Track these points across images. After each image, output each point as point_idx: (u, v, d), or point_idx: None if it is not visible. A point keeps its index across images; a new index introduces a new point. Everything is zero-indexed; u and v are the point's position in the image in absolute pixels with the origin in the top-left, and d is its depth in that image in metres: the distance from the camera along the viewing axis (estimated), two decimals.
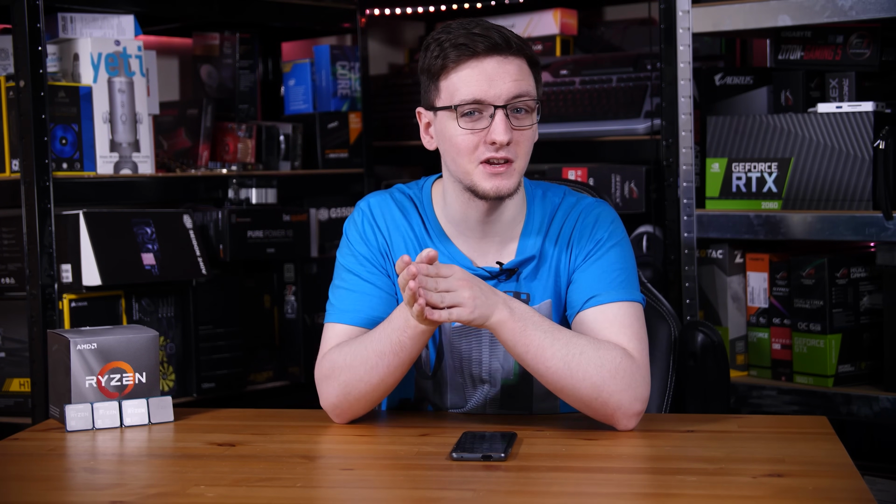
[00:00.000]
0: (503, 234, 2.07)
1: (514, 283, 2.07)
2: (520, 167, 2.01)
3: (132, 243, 2.85)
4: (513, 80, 1.97)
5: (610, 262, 2.04)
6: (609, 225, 2.07)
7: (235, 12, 3.24)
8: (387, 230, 2.10)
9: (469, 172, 2.00)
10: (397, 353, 1.95)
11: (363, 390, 1.98)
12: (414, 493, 1.70)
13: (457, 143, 1.99)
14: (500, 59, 1.98)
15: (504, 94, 1.97)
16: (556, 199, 2.11)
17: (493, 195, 1.99)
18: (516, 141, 1.98)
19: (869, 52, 2.83)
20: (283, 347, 3.28)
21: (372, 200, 2.13)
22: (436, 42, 2.00)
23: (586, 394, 1.92)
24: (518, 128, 1.98)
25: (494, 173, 1.98)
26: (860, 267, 2.84)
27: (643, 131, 3.17)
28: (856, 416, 2.77)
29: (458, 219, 2.07)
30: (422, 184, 2.14)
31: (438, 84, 2.01)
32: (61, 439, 2.00)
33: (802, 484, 1.66)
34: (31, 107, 2.69)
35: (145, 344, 2.10)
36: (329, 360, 2.02)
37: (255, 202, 3.16)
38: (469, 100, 1.97)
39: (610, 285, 2.01)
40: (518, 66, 1.99)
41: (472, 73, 1.97)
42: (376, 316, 2.05)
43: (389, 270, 2.09)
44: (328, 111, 3.48)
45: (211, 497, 1.66)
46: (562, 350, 1.91)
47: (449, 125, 2.00)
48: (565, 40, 3.60)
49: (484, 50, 1.97)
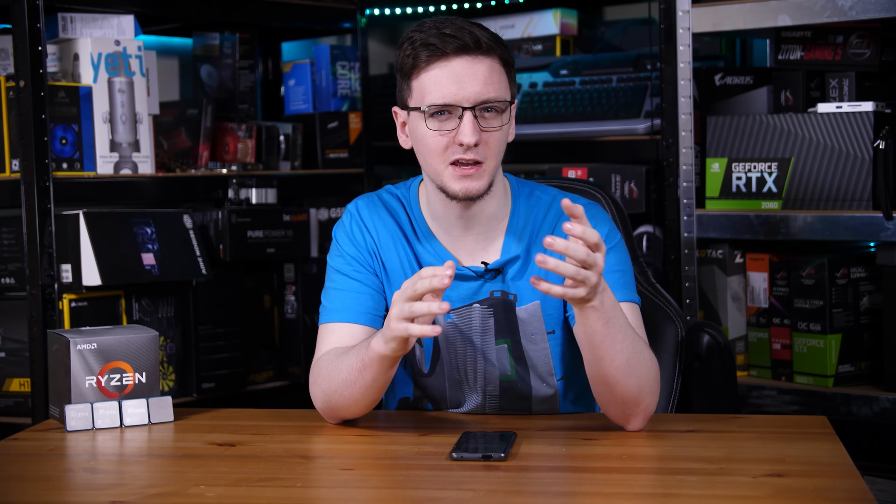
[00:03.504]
0: (486, 231, 2.08)
1: (500, 283, 2.07)
2: (490, 168, 2.00)
3: (132, 243, 2.85)
4: (482, 81, 1.97)
5: (610, 264, 2.04)
6: (604, 227, 2.07)
7: (235, 12, 3.24)
8: (375, 231, 2.11)
9: (440, 173, 2.00)
10: (361, 371, 1.93)
11: (339, 402, 2.00)
12: (414, 493, 1.70)
13: (427, 144, 2.00)
14: (469, 59, 1.97)
15: (472, 95, 1.96)
16: (545, 197, 2.11)
17: (462, 196, 2.00)
18: (485, 142, 1.98)
19: (869, 52, 2.83)
20: (283, 347, 3.28)
21: (360, 203, 2.14)
22: (409, 40, 2.00)
23: (630, 392, 1.91)
24: (487, 129, 1.98)
25: (464, 175, 1.98)
26: (860, 267, 2.84)
27: (643, 131, 3.17)
28: (856, 416, 2.77)
29: (440, 216, 2.08)
30: (409, 184, 2.15)
31: (410, 83, 2.01)
32: (61, 439, 2.00)
33: (802, 484, 1.66)
34: (31, 107, 2.69)
35: (145, 344, 2.10)
36: (317, 365, 2.03)
37: (255, 202, 3.16)
38: (438, 102, 1.97)
39: (613, 286, 2.01)
40: (489, 66, 1.98)
41: (441, 73, 1.97)
42: (366, 312, 2.06)
43: (377, 270, 2.10)
44: (328, 111, 3.48)
45: (211, 497, 1.66)
46: (628, 347, 1.89)
47: (419, 126, 2.00)
48: (565, 40, 3.60)
49: (453, 50, 1.96)
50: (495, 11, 3.63)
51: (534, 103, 3.36)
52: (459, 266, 2.07)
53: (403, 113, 2.05)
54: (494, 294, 2.07)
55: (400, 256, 2.09)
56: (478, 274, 2.07)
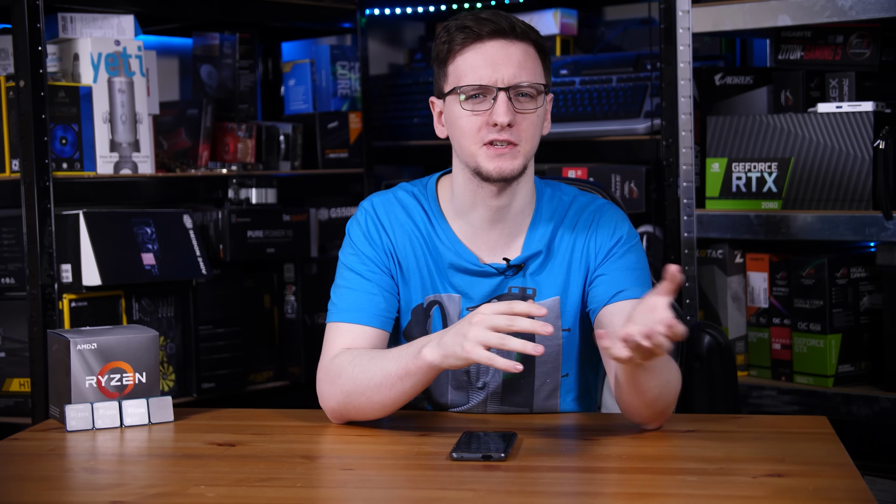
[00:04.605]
0: (511, 226, 2.07)
1: (520, 278, 2.08)
2: (525, 150, 2.01)
3: (132, 243, 2.85)
4: (516, 64, 1.98)
5: (632, 261, 2.06)
6: (626, 226, 2.10)
7: (235, 12, 3.24)
8: (391, 229, 2.10)
9: (474, 154, 2.00)
10: (402, 377, 1.92)
11: (363, 404, 1.97)
12: (414, 493, 1.70)
13: (461, 125, 2.00)
14: (504, 42, 1.99)
15: (507, 77, 1.97)
16: (566, 196, 2.12)
17: (496, 176, 2.00)
18: (519, 123, 1.99)
19: (869, 52, 2.83)
20: (283, 347, 3.28)
21: (375, 200, 2.13)
22: (444, 28, 2.04)
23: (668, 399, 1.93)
24: (521, 111, 1.99)
25: (498, 154, 1.99)
26: (860, 267, 2.84)
27: (643, 131, 3.17)
28: (856, 416, 2.77)
29: (466, 208, 2.07)
30: (426, 181, 2.15)
31: (447, 69, 2.03)
32: (61, 439, 2.00)
33: (802, 484, 1.66)
34: (31, 107, 2.69)
35: (145, 344, 2.10)
36: (338, 364, 2.00)
37: (255, 202, 3.16)
38: (473, 82, 1.98)
39: (636, 282, 2.03)
40: (524, 50, 2.00)
41: (476, 56, 1.99)
42: (378, 315, 2.05)
43: (393, 270, 2.09)
44: (328, 111, 3.48)
45: (211, 497, 1.66)
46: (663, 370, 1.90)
47: (454, 108, 2.01)
48: (565, 40, 3.60)
49: (488, 33, 1.98)
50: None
51: None
52: (480, 263, 2.07)
53: (440, 102, 2.06)
54: (513, 290, 2.07)
55: (416, 255, 2.09)
56: (499, 271, 2.07)
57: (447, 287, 2.08)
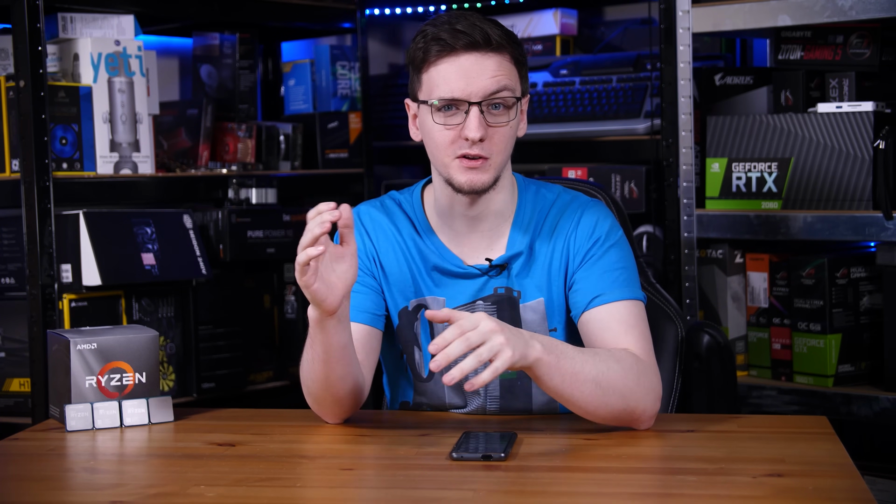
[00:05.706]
0: (492, 228, 2.08)
1: (504, 279, 2.08)
2: (496, 162, 2.01)
3: (132, 243, 2.85)
4: (490, 76, 1.97)
5: (611, 262, 2.04)
6: (606, 224, 2.07)
7: (235, 12, 3.24)
8: (374, 235, 2.12)
9: (447, 165, 2.01)
10: (311, 345, 1.93)
11: (315, 390, 1.98)
12: (414, 493, 1.70)
13: (434, 138, 2.01)
14: (478, 55, 1.97)
15: (479, 91, 1.97)
16: (549, 195, 2.12)
17: (467, 189, 2.01)
18: (491, 137, 1.98)
19: (869, 52, 2.83)
20: (283, 347, 3.28)
21: (361, 209, 2.16)
22: (421, 34, 2.02)
23: (616, 406, 1.90)
24: (494, 124, 1.99)
25: (470, 167, 1.99)
26: (860, 267, 2.84)
27: (643, 131, 3.17)
28: (856, 416, 2.77)
29: (445, 211, 2.09)
30: (413, 188, 2.17)
31: (420, 76, 2.02)
32: (61, 439, 2.00)
33: (802, 484, 1.66)
34: (31, 107, 2.69)
35: (145, 344, 2.10)
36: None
37: (255, 202, 3.16)
38: (445, 96, 1.98)
39: (613, 284, 2.01)
40: (497, 62, 1.98)
41: (450, 68, 1.98)
42: (364, 311, 2.07)
43: (377, 274, 2.11)
44: (328, 111, 3.49)
45: (211, 497, 1.66)
46: (592, 371, 1.88)
47: (427, 119, 2.02)
48: (565, 40, 3.60)
49: (462, 47, 1.97)
50: (495, 11, 3.63)
51: (534, 103, 3.36)
52: (463, 265, 2.07)
53: (414, 105, 2.07)
54: (498, 291, 2.08)
55: (399, 261, 2.10)
56: (482, 271, 2.07)
57: (432, 290, 2.09)
